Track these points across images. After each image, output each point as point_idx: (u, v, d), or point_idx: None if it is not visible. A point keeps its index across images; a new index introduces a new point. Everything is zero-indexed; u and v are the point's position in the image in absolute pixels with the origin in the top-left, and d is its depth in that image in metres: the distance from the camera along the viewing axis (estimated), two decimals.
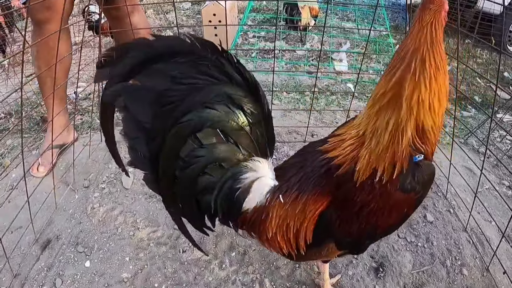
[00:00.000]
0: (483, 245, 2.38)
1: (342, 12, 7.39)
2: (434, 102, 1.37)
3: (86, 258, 2.21)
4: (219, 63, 1.28)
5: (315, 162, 1.54)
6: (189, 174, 1.38)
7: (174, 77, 1.24)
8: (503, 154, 3.45)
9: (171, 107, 1.25)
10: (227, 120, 1.34)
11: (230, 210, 1.49)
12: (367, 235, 1.52)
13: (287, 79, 4.61)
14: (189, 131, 1.31)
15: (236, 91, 1.32)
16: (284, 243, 1.53)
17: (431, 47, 1.35)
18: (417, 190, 1.41)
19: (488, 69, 5.51)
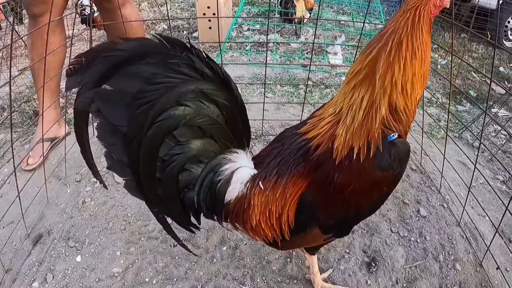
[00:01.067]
0: (476, 240, 2.38)
1: (337, 5, 7.37)
2: (407, 85, 1.39)
3: (77, 253, 2.19)
4: (189, 60, 1.27)
5: (293, 144, 1.54)
6: (169, 173, 1.38)
7: (146, 78, 1.22)
8: (498, 149, 3.44)
9: (145, 108, 1.24)
10: (201, 115, 1.34)
11: (213, 204, 1.50)
12: (350, 215, 1.52)
13: (281, 72, 4.58)
14: (166, 130, 1.31)
15: (208, 86, 1.32)
16: (268, 229, 1.53)
17: (411, 31, 1.36)
18: (395, 168, 1.42)
19: (484, 63, 5.51)
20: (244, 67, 4.64)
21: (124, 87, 1.22)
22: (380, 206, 1.63)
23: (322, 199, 1.45)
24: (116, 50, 1.18)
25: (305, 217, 1.49)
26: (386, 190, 1.50)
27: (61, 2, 2.56)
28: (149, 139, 1.28)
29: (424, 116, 3.29)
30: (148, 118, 1.25)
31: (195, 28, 5.70)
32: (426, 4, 1.38)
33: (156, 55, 1.22)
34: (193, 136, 1.37)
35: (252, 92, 4.03)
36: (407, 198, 2.62)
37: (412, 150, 3.16)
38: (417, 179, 2.83)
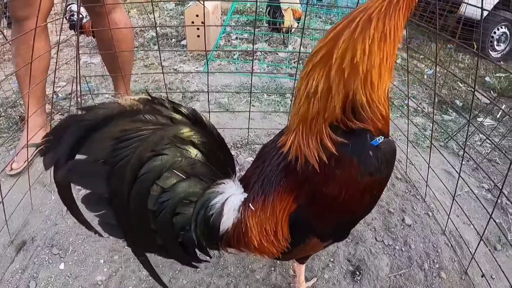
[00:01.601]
0: (461, 248, 2.39)
1: (325, 15, 7.41)
2: (373, 72, 1.25)
3: (61, 260, 2.17)
4: (155, 110, 1.30)
5: (273, 160, 1.53)
6: (163, 222, 1.39)
7: (116, 137, 1.23)
8: (483, 158, 3.47)
9: (121, 165, 1.24)
10: (180, 159, 1.35)
11: (211, 237, 1.50)
12: (346, 222, 1.52)
13: (268, 81, 4.59)
14: (149, 183, 1.31)
15: (180, 129, 1.34)
16: (271, 246, 1.52)
17: (385, 9, 1.21)
18: (383, 170, 1.38)
19: (470, 73, 5.56)
20: (232, 75, 4.64)
21: (95, 153, 1.23)
22: (375, 206, 1.61)
23: (316, 211, 1.44)
24: (79, 122, 1.20)
25: (302, 230, 1.48)
26: (377, 192, 1.48)
27: (47, 6, 2.55)
28: (134, 197, 1.29)
29: (410, 125, 3.31)
30: (126, 177, 1.26)
31: (184, 36, 5.70)
32: None
33: (120, 116, 1.24)
34: (177, 180, 1.37)
35: (239, 101, 4.03)
36: (392, 207, 2.63)
37: (398, 159, 3.17)
38: (402, 188, 2.85)
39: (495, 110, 4.37)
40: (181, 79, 4.45)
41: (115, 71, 3.22)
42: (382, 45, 1.23)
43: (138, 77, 4.43)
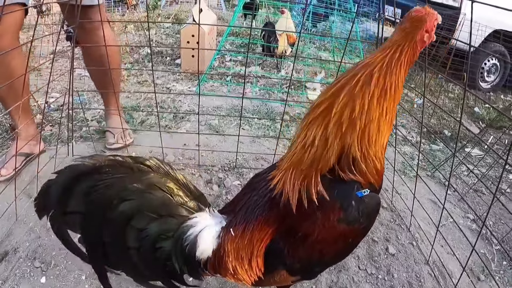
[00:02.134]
0: (444, 279, 2.40)
1: (319, 41, 7.49)
2: (371, 127, 1.31)
3: (42, 274, 2.15)
4: (116, 163, 1.45)
5: (260, 191, 1.57)
6: (146, 256, 1.49)
7: (85, 192, 1.39)
8: (469, 188, 3.50)
9: (96, 215, 1.41)
10: (148, 202, 1.45)
11: (192, 266, 1.55)
12: (315, 262, 1.52)
13: (260, 105, 4.62)
14: (122, 224, 1.43)
15: (143, 176, 1.46)
16: (245, 273, 1.54)
17: (387, 65, 1.28)
18: (361, 222, 1.40)
19: (459, 103, 5.62)
20: (223, 98, 4.67)
21: (74, 208, 1.40)
22: (348, 255, 1.64)
23: (288, 245, 1.46)
24: (50, 187, 1.40)
25: (273, 261, 1.51)
26: (352, 242, 1.50)
27: (17, 23, 2.54)
28: (114, 243, 1.46)
29: (397, 154, 3.34)
30: (101, 222, 1.41)
31: (178, 55, 5.74)
32: (411, 40, 1.32)
33: (86, 173, 1.40)
34: (149, 221, 1.46)
35: (229, 124, 4.05)
36: (376, 236, 2.64)
37: (384, 188, 3.19)
38: (387, 217, 2.87)
39: (485, 140, 4.42)
40: (173, 98, 4.47)
41: (105, 87, 3.23)
42: (382, 100, 1.29)
43: (130, 94, 4.45)
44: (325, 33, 7.90)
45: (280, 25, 5.50)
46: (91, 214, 1.41)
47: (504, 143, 4.61)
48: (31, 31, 5.98)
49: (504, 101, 6.52)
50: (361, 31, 7.89)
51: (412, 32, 1.32)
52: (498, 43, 6.67)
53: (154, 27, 7.41)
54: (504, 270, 2.62)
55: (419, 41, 1.33)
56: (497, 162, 3.90)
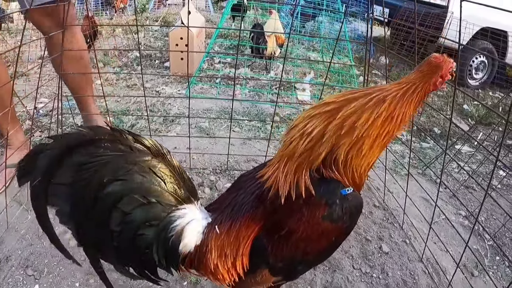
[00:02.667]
0: (438, 275, 2.41)
1: (308, 42, 7.50)
2: (365, 142, 1.40)
3: (35, 282, 2.13)
4: (116, 139, 1.40)
5: (248, 189, 1.58)
6: (126, 242, 1.45)
7: (78, 164, 1.34)
8: (460, 185, 3.52)
9: (84, 191, 1.35)
10: (139, 186, 1.42)
11: (171, 258, 1.53)
12: (298, 261, 1.53)
13: (250, 107, 4.62)
14: (109, 206, 1.39)
15: (140, 157, 1.42)
16: (226, 272, 1.54)
17: (400, 97, 1.39)
18: (345, 220, 1.45)
19: (448, 101, 5.65)
20: (213, 100, 4.67)
21: (60, 179, 1.34)
22: (330, 256, 1.66)
23: (272, 242, 1.48)
24: (45, 151, 1.32)
25: (256, 259, 1.51)
26: (334, 241, 1.52)
27: None
28: (97, 218, 1.39)
29: (388, 153, 3.36)
30: (87, 199, 1.36)
31: (167, 58, 5.73)
32: (426, 82, 1.43)
33: (84, 144, 1.35)
34: (138, 204, 1.43)
35: (219, 126, 4.05)
36: (370, 235, 2.65)
37: (376, 186, 3.21)
38: (380, 216, 2.87)
39: (475, 136, 4.44)
40: (163, 102, 4.46)
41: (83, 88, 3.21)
42: (386, 124, 1.39)
43: (120, 98, 4.43)
44: (314, 34, 7.91)
45: (269, 26, 5.50)
46: (79, 189, 1.35)
47: (494, 139, 4.64)
48: (19, 36, 5.96)
49: (492, 98, 6.56)
50: (350, 31, 7.93)
51: (428, 76, 1.43)
52: (486, 40, 6.72)
53: (143, 30, 7.39)
54: (497, 265, 2.64)
55: (433, 84, 1.44)
56: (487, 159, 3.93)
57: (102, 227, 1.40)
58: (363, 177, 1.48)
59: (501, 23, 6.58)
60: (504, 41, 6.67)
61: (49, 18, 2.70)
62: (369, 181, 3.30)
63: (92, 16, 5.31)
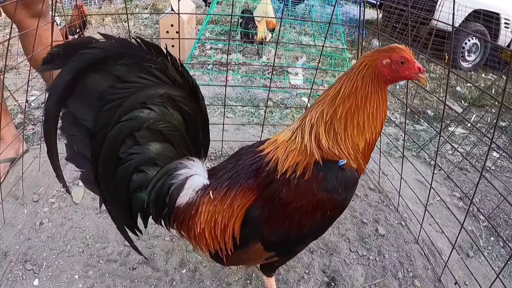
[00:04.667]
0: (434, 256, 2.42)
1: (299, 26, 7.47)
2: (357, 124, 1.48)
3: (35, 276, 2.12)
4: (163, 65, 1.32)
5: (247, 160, 1.60)
6: (123, 172, 1.41)
7: (118, 76, 1.26)
8: (454, 167, 3.53)
9: (113, 105, 1.28)
10: (164, 120, 1.38)
11: (162, 206, 1.52)
12: (292, 234, 1.54)
13: (242, 92, 4.60)
14: (129, 130, 1.35)
15: (177, 93, 1.37)
16: (212, 239, 1.55)
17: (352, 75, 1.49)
18: (340, 192, 1.47)
19: (441, 83, 5.66)
20: (205, 86, 4.64)
21: (95, 83, 1.25)
22: (323, 233, 1.68)
23: (267, 213, 1.49)
24: (93, 48, 1.20)
25: (249, 230, 1.52)
26: (329, 215, 1.53)
27: None
28: (111, 137, 1.32)
29: (382, 136, 3.36)
30: (114, 116, 1.29)
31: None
32: (375, 58, 1.48)
33: (132, 56, 1.26)
34: (152, 139, 1.41)
35: (213, 112, 4.03)
36: (366, 217, 2.65)
37: (370, 169, 3.21)
38: (375, 198, 2.88)
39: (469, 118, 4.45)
40: None
41: None
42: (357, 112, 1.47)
43: None
44: (305, 18, 7.88)
45: (259, 11, 5.47)
46: (109, 103, 1.27)
47: (487, 121, 4.65)
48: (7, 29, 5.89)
49: (485, 80, 6.57)
50: (341, 14, 7.89)
51: (378, 53, 1.50)
52: (479, 22, 6.72)
53: (132, 18, 7.33)
54: (492, 246, 2.66)
55: (380, 62, 1.48)
56: (481, 140, 3.94)
57: (111, 150, 1.35)
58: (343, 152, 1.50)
59: (493, 5, 6.58)
60: (497, 23, 6.67)
61: (25, 9, 2.65)
62: None
63: (81, 5, 5.24)
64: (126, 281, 2.10)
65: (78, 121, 1.29)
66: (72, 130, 1.31)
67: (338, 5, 7.41)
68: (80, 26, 4.99)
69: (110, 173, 1.39)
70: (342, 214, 2.56)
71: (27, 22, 2.65)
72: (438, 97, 4.49)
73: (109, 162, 1.37)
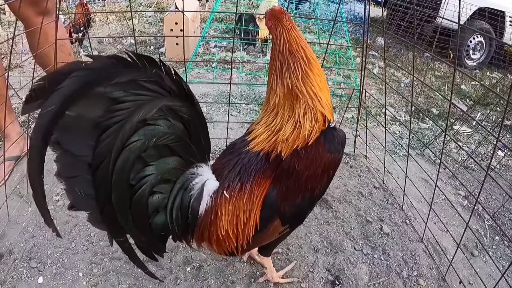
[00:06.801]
0: (439, 255, 2.41)
1: (304, 24, 7.46)
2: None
3: (39, 274, 2.12)
4: (158, 77, 1.25)
5: (251, 153, 1.61)
6: (140, 198, 1.33)
7: (113, 98, 1.16)
8: (459, 165, 3.52)
9: (112, 131, 1.18)
10: (169, 133, 1.32)
11: (186, 221, 1.50)
12: (306, 202, 1.62)
13: (247, 90, 4.60)
14: (137, 153, 1.26)
15: (175, 102, 1.31)
16: (235, 237, 1.56)
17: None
18: (339, 151, 1.61)
19: (446, 82, 5.64)
20: (210, 84, 4.64)
21: (87, 110, 1.14)
22: (325, 192, 1.75)
23: (284, 190, 1.54)
24: (82, 70, 1.09)
25: (268, 213, 1.55)
26: (332, 173, 1.66)
27: None
28: (119, 166, 1.22)
29: (387, 134, 3.35)
30: (116, 142, 1.19)
31: (162, 44, 5.69)
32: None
33: (125, 74, 1.17)
34: (160, 155, 1.35)
35: (217, 110, 4.04)
36: (370, 216, 2.65)
37: (375, 168, 3.21)
38: (379, 197, 2.87)
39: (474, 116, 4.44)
40: None
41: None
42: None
43: None
44: (309, 16, 7.86)
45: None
46: (108, 131, 1.17)
47: (492, 119, 4.63)
48: (12, 27, 5.90)
49: (490, 78, 6.54)
50: (346, 12, 7.88)
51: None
52: (484, 20, 6.69)
53: (137, 17, 7.33)
54: (497, 245, 2.64)
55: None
56: (486, 139, 3.92)
57: (122, 179, 1.25)
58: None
59: (498, 4, 6.55)
60: (502, 21, 6.64)
61: (33, 7, 2.64)
62: (368, 162, 3.30)
63: (86, 3, 5.25)
64: (130, 279, 2.10)
65: (76, 158, 1.18)
66: (72, 171, 1.20)
67: (342, 3, 7.39)
68: (84, 25, 4.99)
69: (126, 205, 1.31)
70: (347, 213, 2.61)
71: (34, 20, 2.64)
72: (443, 95, 4.47)
73: (123, 194, 1.28)
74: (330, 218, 2.60)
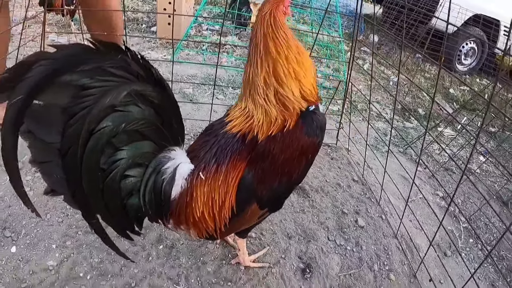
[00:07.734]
0: (412, 252, 2.43)
1: (298, 14, 7.43)
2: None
3: (13, 243, 2.09)
4: (125, 62, 1.24)
5: (228, 134, 1.60)
6: (111, 183, 1.35)
7: (79, 85, 1.17)
8: (440, 167, 3.54)
9: (80, 117, 1.19)
10: (138, 119, 1.33)
11: (159, 204, 1.50)
12: (284, 185, 1.61)
13: (235, 75, 4.59)
14: (106, 139, 1.26)
15: (144, 87, 1.31)
16: (211, 220, 1.56)
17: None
18: (318, 135, 1.60)
19: (435, 84, 5.67)
20: (198, 66, 4.61)
21: (55, 98, 1.15)
22: (304, 178, 1.74)
23: (260, 173, 1.54)
24: (47, 60, 1.10)
25: (245, 195, 1.55)
26: (311, 158, 1.65)
27: None
28: (89, 150, 1.23)
29: (371, 130, 3.36)
30: (84, 127, 1.19)
31: (154, 22, 5.64)
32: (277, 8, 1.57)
33: (90, 61, 1.17)
34: (131, 140, 1.35)
35: (203, 92, 4.02)
36: (346, 208, 2.66)
37: (356, 161, 3.22)
38: (358, 190, 2.88)
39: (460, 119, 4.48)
40: None
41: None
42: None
43: None
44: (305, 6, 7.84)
45: None
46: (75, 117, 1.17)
47: (477, 125, 4.67)
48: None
49: (479, 85, 6.59)
50: (341, 7, 7.86)
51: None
52: (478, 27, 6.72)
53: None
54: (470, 247, 2.68)
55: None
56: (469, 143, 3.96)
57: (92, 165, 1.25)
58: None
59: (494, 12, 6.57)
60: (496, 30, 6.68)
61: None
62: (349, 155, 3.31)
63: None
64: (103, 253, 2.09)
65: (48, 145, 1.20)
66: (45, 157, 1.23)
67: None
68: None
69: (98, 188, 1.32)
70: (323, 203, 2.61)
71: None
72: (429, 95, 4.50)
73: (93, 177, 1.29)
74: (306, 207, 2.60)
